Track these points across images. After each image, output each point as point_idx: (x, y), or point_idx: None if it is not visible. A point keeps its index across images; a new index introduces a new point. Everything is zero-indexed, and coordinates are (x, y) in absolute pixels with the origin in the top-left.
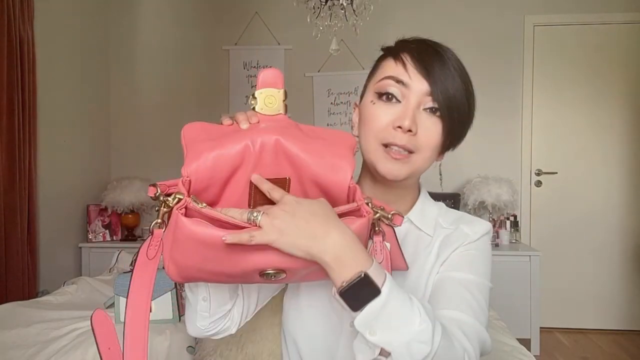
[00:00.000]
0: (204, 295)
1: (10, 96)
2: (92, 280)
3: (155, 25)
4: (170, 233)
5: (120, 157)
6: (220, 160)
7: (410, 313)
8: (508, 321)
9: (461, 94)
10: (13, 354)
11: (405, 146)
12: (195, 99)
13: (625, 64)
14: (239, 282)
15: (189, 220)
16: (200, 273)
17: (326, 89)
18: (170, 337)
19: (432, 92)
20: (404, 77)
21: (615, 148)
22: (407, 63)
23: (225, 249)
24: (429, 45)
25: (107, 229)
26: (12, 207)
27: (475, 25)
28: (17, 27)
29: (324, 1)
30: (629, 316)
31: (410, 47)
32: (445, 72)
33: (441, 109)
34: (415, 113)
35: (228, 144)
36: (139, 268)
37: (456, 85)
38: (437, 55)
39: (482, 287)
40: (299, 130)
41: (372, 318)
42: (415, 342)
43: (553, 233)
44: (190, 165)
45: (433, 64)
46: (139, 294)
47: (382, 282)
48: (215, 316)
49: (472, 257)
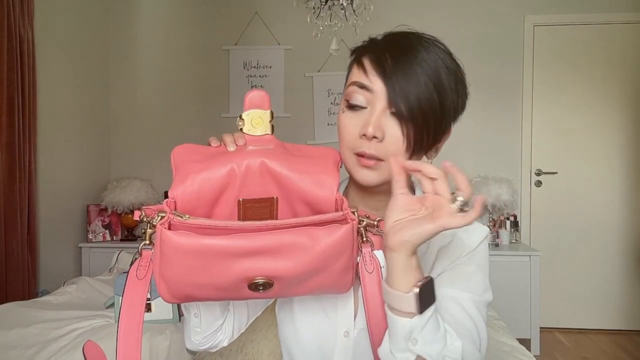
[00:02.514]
0: (195, 312)
1: (10, 96)
2: (92, 280)
3: (155, 25)
4: (157, 250)
5: (120, 157)
6: (206, 183)
7: (444, 329)
8: (508, 321)
9: (427, 92)
10: (13, 354)
11: (373, 155)
12: (195, 99)
13: (625, 64)
14: (228, 296)
15: (172, 232)
16: (190, 288)
17: (326, 89)
18: (170, 337)
19: (388, 95)
20: (365, 81)
21: (615, 148)
22: (367, 66)
23: (212, 256)
24: (396, 42)
25: (107, 229)
26: (12, 207)
27: (475, 25)
28: (17, 27)
29: (324, 1)
30: (629, 316)
31: (371, 48)
32: (405, 71)
33: (400, 112)
34: (382, 118)
35: (214, 167)
36: (130, 289)
37: (419, 84)
38: (398, 52)
39: (479, 304)
40: (284, 149)
41: (422, 325)
42: (447, 358)
43: (553, 233)
44: (177, 188)
45: (390, 64)
46: (131, 315)
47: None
48: (208, 331)
49: (469, 273)
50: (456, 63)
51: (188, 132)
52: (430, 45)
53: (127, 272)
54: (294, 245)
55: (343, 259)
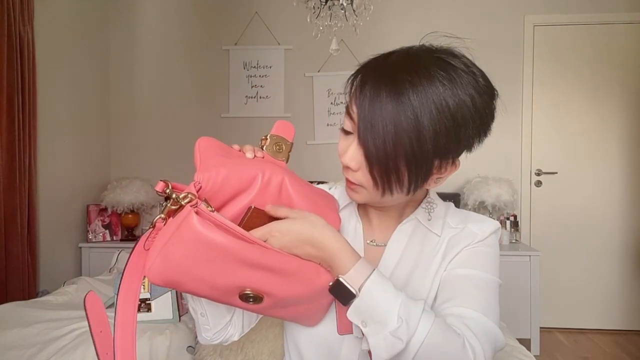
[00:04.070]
0: (201, 311)
1: (10, 96)
2: (92, 280)
3: (155, 25)
4: (173, 227)
5: (120, 157)
6: (231, 179)
7: (390, 308)
8: (508, 321)
9: (395, 135)
10: (13, 354)
11: (348, 180)
12: (195, 99)
13: (625, 64)
14: (216, 298)
15: (198, 219)
16: (185, 277)
17: (326, 89)
18: (170, 337)
19: (359, 129)
20: (351, 109)
21: (615, 148)
22: (353, 91)
23: (224, 256)
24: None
25: (107, 229)
26: (12, 207)
27: (475, 25)
28: (17, 27)
29: (324, 1)
30: (629, 316)
31: (364, 70)
32: (380, 106)
33: (366, 149)
34: (357, 150)
35: (241, 167)
36: (135, 256)
37: (389, 125)
38: (381, 84)
39: (490, 284)
40: (298, 178)
41: (358, 314)
42: (390, 337)
43: (553, 233)
44: (204, 173)
45: (369, 96)
46: (131, 280)
47: (362, 281)
48: (217, 327)
49: (480, 255)
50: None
51: (188, 132)
52: (427, 79)
53: (135, 242)
54: (300, 274)
55: (330, 297)
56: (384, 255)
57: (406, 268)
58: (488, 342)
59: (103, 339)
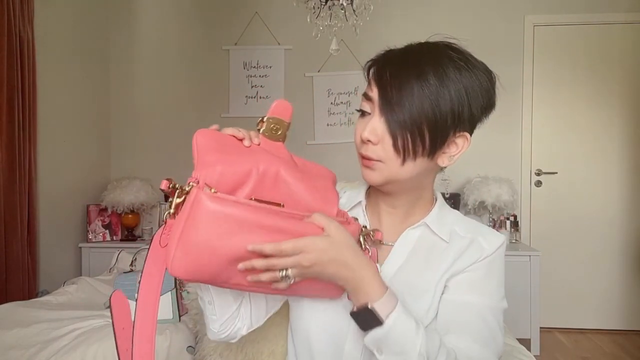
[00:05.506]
0: (209, 299)
1: (10, 96)
2: (92, 280)
3: (155, 25)
4: (185, 215)
5: (120, 157)
6: (226, 175)
7: (412, 343)
8: (508, 321)
9: (421, 106)
10: (13, 354)
11: (368, 156)
12: (195, 99)
13: (626, 64)
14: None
15: (209, 197)
16: (206, 256)
17: (326, 89)
18: (170, 337)
19: (380, 102)
20: (369, 91)
21: (615, 148)
22: (371, 77)
23: (238, 225)
24: (404, 56)
25: (107, 229)
26: (12, 207)
27: (475, 25)
28: (17, 27)
29: (324, 1)
30: (629, 316)
31: (379, 60)
32: (399, 81)
33: (388, 119)
34: (377, 123)
35: (236, 163)
36: (152, 254)
37: (412, 95)
38: (399, 66)
39: (495, 311)
40: (294, 163)
41: (376, 341)
42: None
43: (553, 233)
44: (200, 171)
45: (388, 75)
46: (150, 280)
47: (389, 312)
48: (223, 317)
49: (486, 278)
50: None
51: (188, 132)
52: (445, 58)
53: (151, 240)
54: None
55: None
56: (389, 255)
57: (412, 271)
58: None
59: (125, 335)
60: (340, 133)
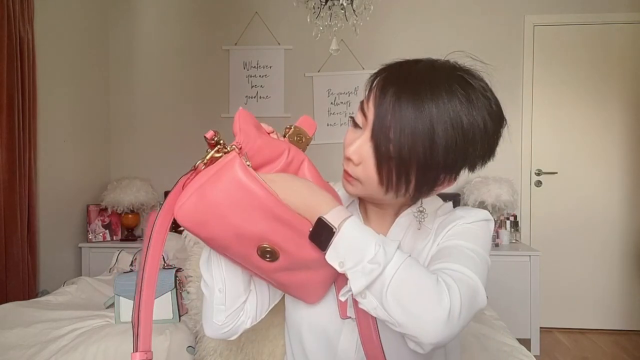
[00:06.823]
0: (220, 287)
1: (10, 96)
2: (92, 280)
3: (155, 25)
4: (214, 169)
5: (120, 157)
6: (264, 149)
7: (368, 242)
8: (508, 321)
9: (411, 141)
10: (13, 354)
11: (348, 172)
12: (195, 99)
13: (626, 64)
14: (236, 249)
15: (242, 165)
16: (215, 218)
17: (326, 89)
18: (170, 337)
19: (374, 128)
20: (365, 105)
21: (615, 148)
22: (372, 91)
23: (256, 203)
24: (411, 78)
25: (107, 229)
26: (12, 207)
27: (475, 25)
28: (17, 27)
29: (324, 1)
30: (629, 316)
31: (386, 74)
32: (400, 112)
33: (378, 148)
34: (364, 146)
35: (272, 143)
36: (174, 194)
37: (407, 130)
38: (403, 91)
39: (479, 254)
40: (314, 167)
41: (335, 252)
42: (368, 265)
43: (553, 233)
44: (243, 138)
45: (389, 100)
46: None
47: (340, 222)
48: (231, 308)
49: (470, 231)
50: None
51: (188, 132)
52: (448, 94)
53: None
54: None
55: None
56: None
57: None
58: (465, 287)
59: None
60: (340, 133)
